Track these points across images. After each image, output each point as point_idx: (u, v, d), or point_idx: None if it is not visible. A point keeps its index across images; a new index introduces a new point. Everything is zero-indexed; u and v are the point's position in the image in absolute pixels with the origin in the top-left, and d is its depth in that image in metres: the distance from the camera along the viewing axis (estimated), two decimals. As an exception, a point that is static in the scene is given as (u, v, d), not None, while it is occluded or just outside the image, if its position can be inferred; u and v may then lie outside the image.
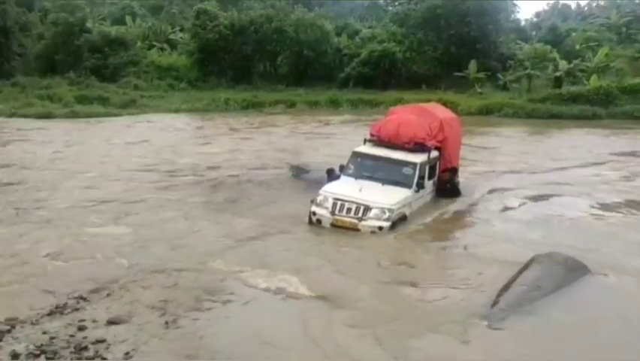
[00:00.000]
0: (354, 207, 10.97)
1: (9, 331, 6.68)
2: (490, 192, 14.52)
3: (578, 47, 40.26)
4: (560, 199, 14.04)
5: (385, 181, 11.74)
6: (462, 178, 14.14)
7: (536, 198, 14.00)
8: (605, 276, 9.07)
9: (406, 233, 11.05)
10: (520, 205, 13.42)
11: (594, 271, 9.06)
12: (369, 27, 46.72)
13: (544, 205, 13.53)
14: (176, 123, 27.40)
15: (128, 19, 47.51)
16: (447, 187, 13.47)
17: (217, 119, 29.13)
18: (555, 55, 36.67)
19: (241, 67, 39.59)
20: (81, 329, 6.79)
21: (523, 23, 51.56)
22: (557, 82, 34.89)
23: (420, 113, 13.54)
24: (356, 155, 12.56)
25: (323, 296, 8.03)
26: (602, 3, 56.09)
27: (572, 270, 8.94)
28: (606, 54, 36.18)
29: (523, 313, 7.68)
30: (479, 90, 35.24)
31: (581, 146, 22.33)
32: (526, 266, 8.99)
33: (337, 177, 12.36)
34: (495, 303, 7.90)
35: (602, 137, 24.66)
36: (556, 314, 7.74)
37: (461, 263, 9.71)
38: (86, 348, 6.36)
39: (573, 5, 61.45)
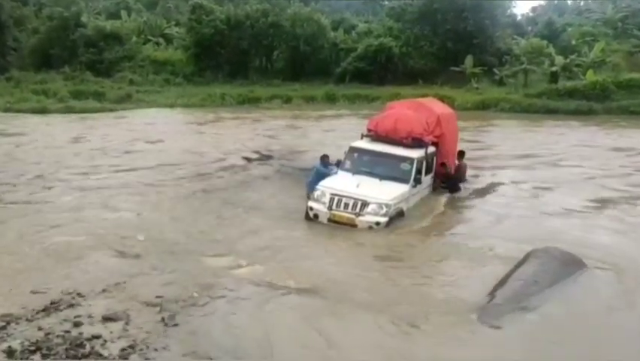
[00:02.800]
0: (351, 202, 10.94)
1: (4, 327, 6.63)
2: (487, 186, 14.55)
3: (574, 41, 40.35)
4: (555, 193, 14.05)
5: (383, 176, 11.72)
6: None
7: (533, 193, 14.02)
8: (602, 271, 9.08)
9: (402, 228, 11.04)
10: (516, 199, 13.42)
11: (591, 265, 9.08)
12: (366, 22, 46.62)
13: (540, 199, 13.55)
14: (170, 118, 27.42)
15: (123, 13, 47.27)
16: (454, 180, 13.54)
17: (209, 114, 29.08)
18: (551, 50, 36.69)
19: (237, 62, 39.45)
20: (77, 325, 6.74)
21: (519, 18, 51.77)
22: (553, 77, 34.91)
23: (417, 108, 13.51)
24: (353, 150, 12.53)
25: (318, 291, 8.01)
26: (598, -2, 56.08)
27: (569, 265, 8.95)
28: (602, 49, 36.25)
29: (520, 308, 7.67)
30: (476, 85, 35.23)
31: (576, 140, 22.38)
32: (522, 261, 9.00)
33: (326, 165, 12.48)
34: (491, 298, 7.91)
35: (597, 131, 24.76)
36: (552, 309, 7.74)
37: (457, 258, 9.69)
38: (81, 344, 6.32)
39: (569, 0, 61.51)
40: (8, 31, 36.85)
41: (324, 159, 12.71)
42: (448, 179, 13.55)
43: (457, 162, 13.85)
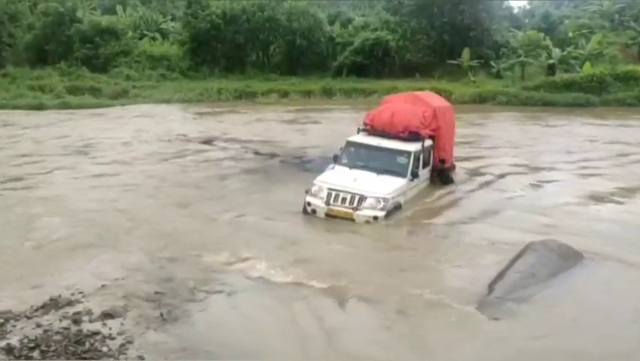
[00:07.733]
0: (349, 197, 10.95)
1: (3, 324, 6.64)
2: (485, 179, 14.56)
3: (571, 34, 40.18)
4: (553, 186, 14.08)
5: (380, 170, 11.72)
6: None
7: (531, 186, 14.04)
8: (599, 263, 9.10)
9: (400, 221, 11.06)
10: (514, 192, 13.43)
11: (588, 258, 9.11)
12: (362, 15, 46.42)
13: (538, 192, 13.58)
14: (165, 112, 27.40)
15: (118, 8, 46.96)
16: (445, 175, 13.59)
17: (205, 108, 29.05)
18: (548, 42, 36.57)
19: (234, 56, 39.24)
20: (76, 322, 6.75)
21: (516, 10, 51.57)
22: (551, 69, 34.85)
23: (414, 101, 13.50)
24: (350, 144, 12.52)
25: (316, 285, 8.03)
26: (595, -10, 55.90)
27: (567, 257, 8.99)
28: (599, 41, 36.16)
29: (518, 300, 7.70)
30: (473, 78, 35.16)
31: (574, 133, 22.40)
32: (521, 253, 9.03)
33: None
34: (490, 290, 7.94)
35: (595, 122, 24.79)
36: (550, 301, 7.77)
37: (455, 251, 9.72)
38: (81, 341, 6.33)
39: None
40: (3, 27, 36.60)
41: None
42: (441, 171, 13.56)
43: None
